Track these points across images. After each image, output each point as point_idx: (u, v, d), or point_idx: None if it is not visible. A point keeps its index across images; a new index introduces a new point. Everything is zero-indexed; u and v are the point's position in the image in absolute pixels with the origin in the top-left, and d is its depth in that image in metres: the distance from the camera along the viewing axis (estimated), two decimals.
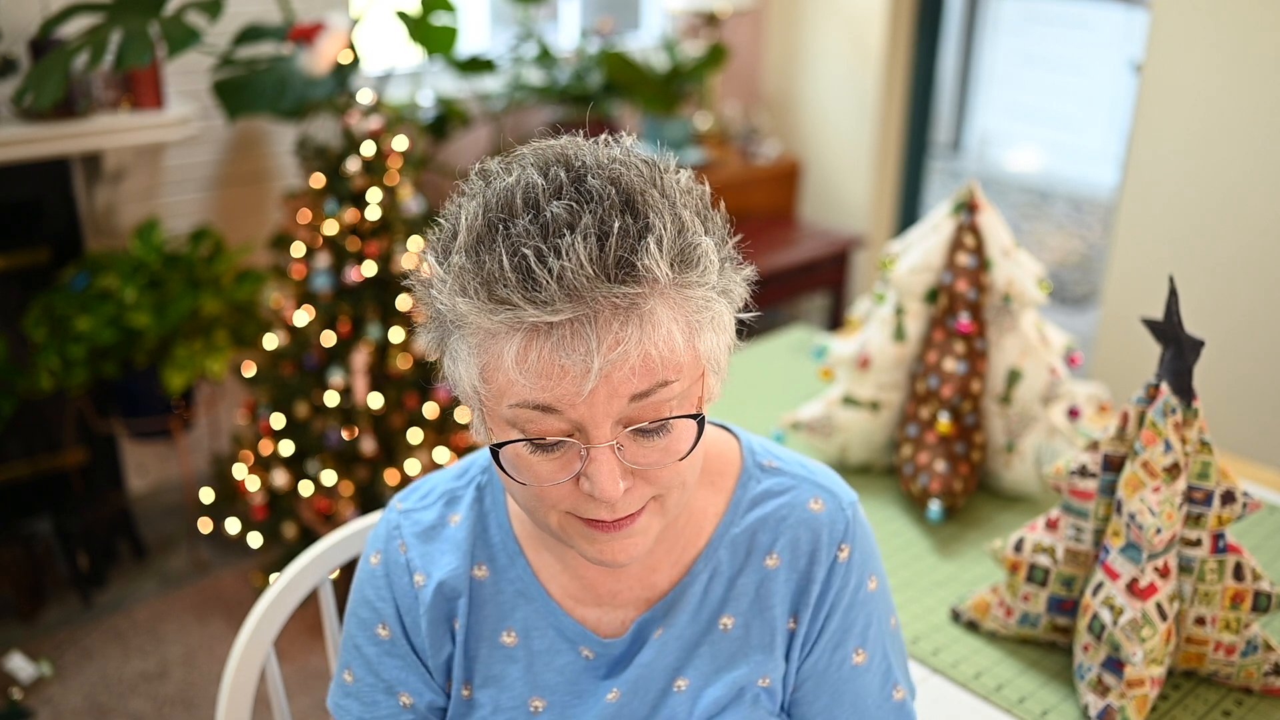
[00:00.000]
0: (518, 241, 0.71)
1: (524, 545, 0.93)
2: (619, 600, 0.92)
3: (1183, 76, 2.55)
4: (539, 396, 0.72)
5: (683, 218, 0.75)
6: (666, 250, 0.72)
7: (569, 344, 0.70)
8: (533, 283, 0.69)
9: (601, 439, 0.74)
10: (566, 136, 0.81)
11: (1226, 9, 2.44)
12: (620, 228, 0.71)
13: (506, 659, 0.91)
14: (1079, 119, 6.61)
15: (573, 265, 0.69)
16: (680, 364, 0.74)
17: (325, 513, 2.55)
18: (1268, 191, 2.46)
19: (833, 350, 1.70)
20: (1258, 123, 2.44)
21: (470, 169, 0.80)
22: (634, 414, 0.74)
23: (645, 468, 0.77)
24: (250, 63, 2.60)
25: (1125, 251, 2.76)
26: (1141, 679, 1.14)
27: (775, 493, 0.93)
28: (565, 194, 0.73)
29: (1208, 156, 2.54)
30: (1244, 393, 2.57)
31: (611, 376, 0.72)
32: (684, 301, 0.74)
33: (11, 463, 2.82)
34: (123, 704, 2.38)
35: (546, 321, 0.70)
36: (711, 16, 3.80)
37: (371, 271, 2.52)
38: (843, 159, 4.15)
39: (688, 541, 0.92)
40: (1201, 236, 2.59)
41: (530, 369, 0.72)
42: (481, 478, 0.96)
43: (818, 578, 0.91)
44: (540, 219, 0.71)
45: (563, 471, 0.76)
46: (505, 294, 0.70)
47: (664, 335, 0.72)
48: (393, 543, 0.94)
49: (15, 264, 2.71)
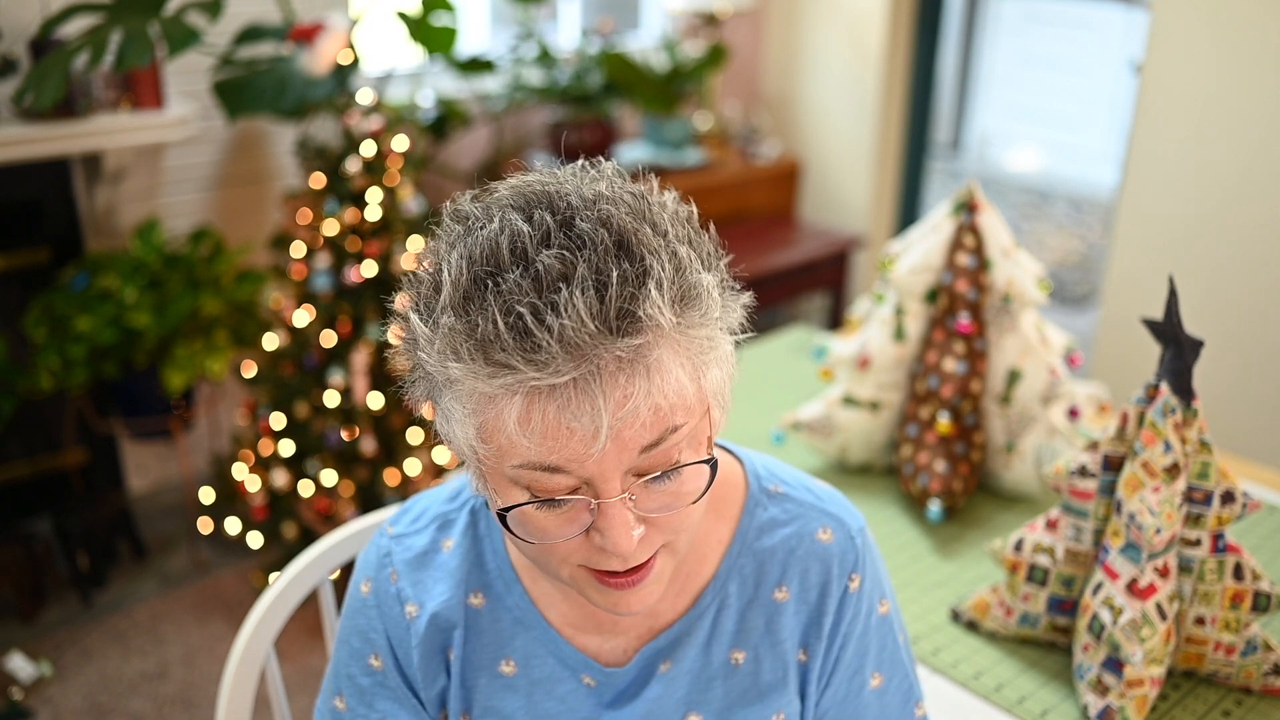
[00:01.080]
0: (510, 299, 0.66)
1: (520, 573, 0.90)
2: (620, 628, 0.90)
3: (1183, 76, 2.55)
4: (544, 458, 0.69)
5: (679, 254, 0.71)
6: (667, 294, 0.68)
7: (575, 405, 0.66)
8: (532, 344, 0.65)
9: (613, 493, 0.71)
10: (542, 169, 0.77)
11: (1226, 9, 2.44)
12: (619, 276, 0.66)
13: (506, 688, 0.89)
14: (1079, 119, 6.61)
15: (573, 322, 0.65)
16: (689, 406, 0.72)
17: (325, 513, 2.55)
18: (1268, 191, 2.46)
19: (833, 350, 1.70)
20: (1257, 123, 2.44)
21: (444, 209, 0.76)
22: (644, 464, 0.71)
23: (657, 513, 0.74)
24: (250, 63, 2.60)
25: (1125, 251, 2.76)
26: (1141, 679, 1.14)
27: (782, 522, 0.91)
28: (554, 241, 0.68)
29: (1207, 157, 2.54)
30: (1244, 393, 2.57)
31: (621, 433, 0.68)
32: (688, 344, 0.71)
33: (11, 463, 2.82)
34: (123, 704, 2.39)
35: (550, 384, 0.66)
36: (711, 16, 3.80)
37: (371, 272, 2.52)
38: (843, 159, 4.15)
39: (692, 570, 0.90)
40: (1201, 236, 2.59)
41: (534, 432, 0.68)
42: (475, 501, 0.93)
43: (829, 610, 0.89)
44: (531, 271, 0.67)
45: (572, 526, 0.73)
46: (503, 358, 0.66)
47: (672, 383, 0.69)
48: (384, 570, 0.92)
49: (15, 264, 2.71)
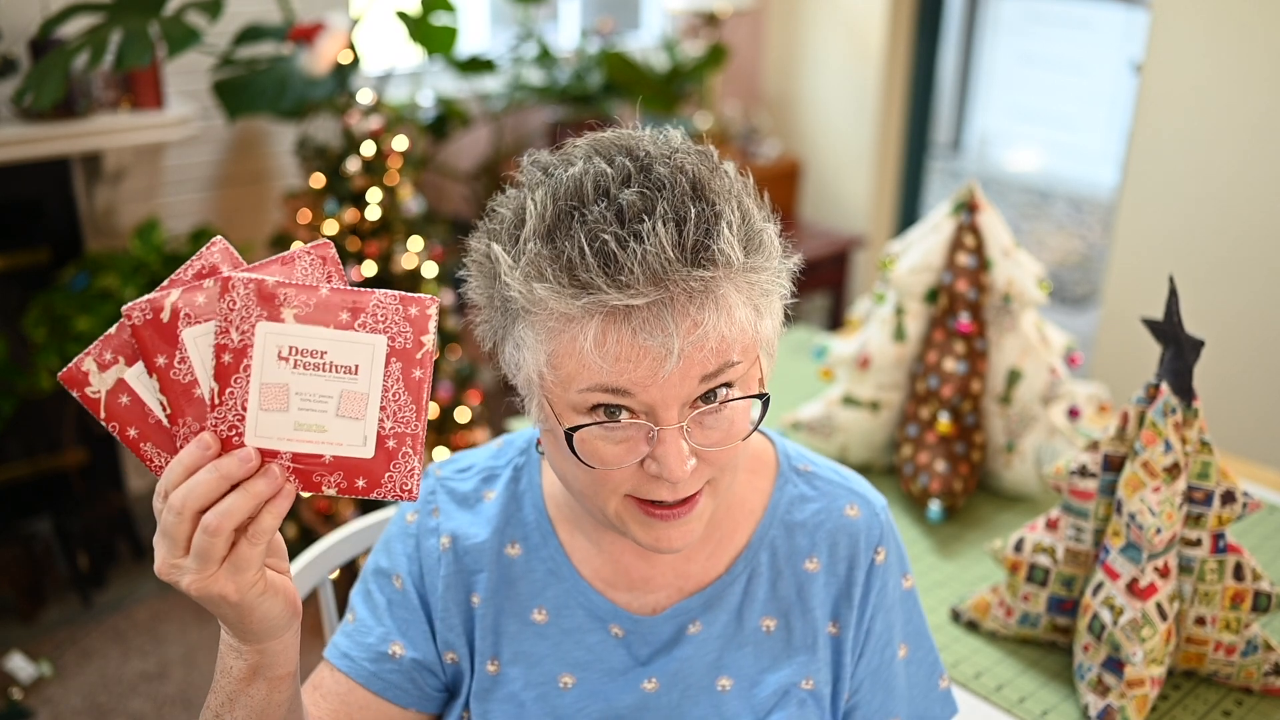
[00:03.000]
0: (595, 227, 0.72)
1: (557, 527, 0.94)
2: (652, 585, 0.93)
3: (1183, 76, 2.55)
4: (614, 380, 0.74)
5: (745, 205, 0.78)
6: (737, 235, 0.75)
7: (650, 327, 0.72)
8: (616, 266, 0.71)
9: (671, 420, 0.76)
10: (618, 129, 0.83)
11: (1226, 9, 2.44)
12: (696, 214, 0.73)
13: (536, 636, 0.92)
14: (1079, 119, 6.61)
15: (654, 249, 0.71)
16: (746, 345, 0.77)
17: (325, 513, 2.55)
18: (1268, 190, 2.46)
19: (833, 350, 1.70)
20: (1257, 122, 2.44)
21: (521, 160, 0.83)
22: (701, 395, 0.77)
23: (709, 449, 0.79)
24: (250, 63, 2.60)
25: (1125, 251, 2.76)
26: (1141, 679, 1.14)
27: (811, 498, 0.96)
28: (635, 182, 0.74)
29: (1207, 157, 2.54)
30: (1244, 393, 2.57)
31: (689, 359, 0.74)
32: (751, 285, 0.77)
33: (11, 463, 2.82)
34: (123, 704, 2.39)
35: (627, 305, 0.72)
36: (711, 16, 3.80)
37: (371, 271, 2.52)
38: (843, 159, 4.15)
39: (724, 535, 0.94)
40: (1201, 236, 2.59)
41: (609, 353, 0.73)
42: (519, 459, 0.98)
43: (858, 581, 0.93)
44: (615, 205, 0.73)
45: (630, 454, 0.78)
46: (588, 278, 0.71)
47: (738, 318, 0.75)
48: (427, 505, 0.97)
49: (15, 264, 2.71)
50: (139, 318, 0.66)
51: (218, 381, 0.66)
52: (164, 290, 0.67)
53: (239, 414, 0.66)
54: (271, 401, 0.66)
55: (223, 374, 0.66)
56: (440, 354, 2.66)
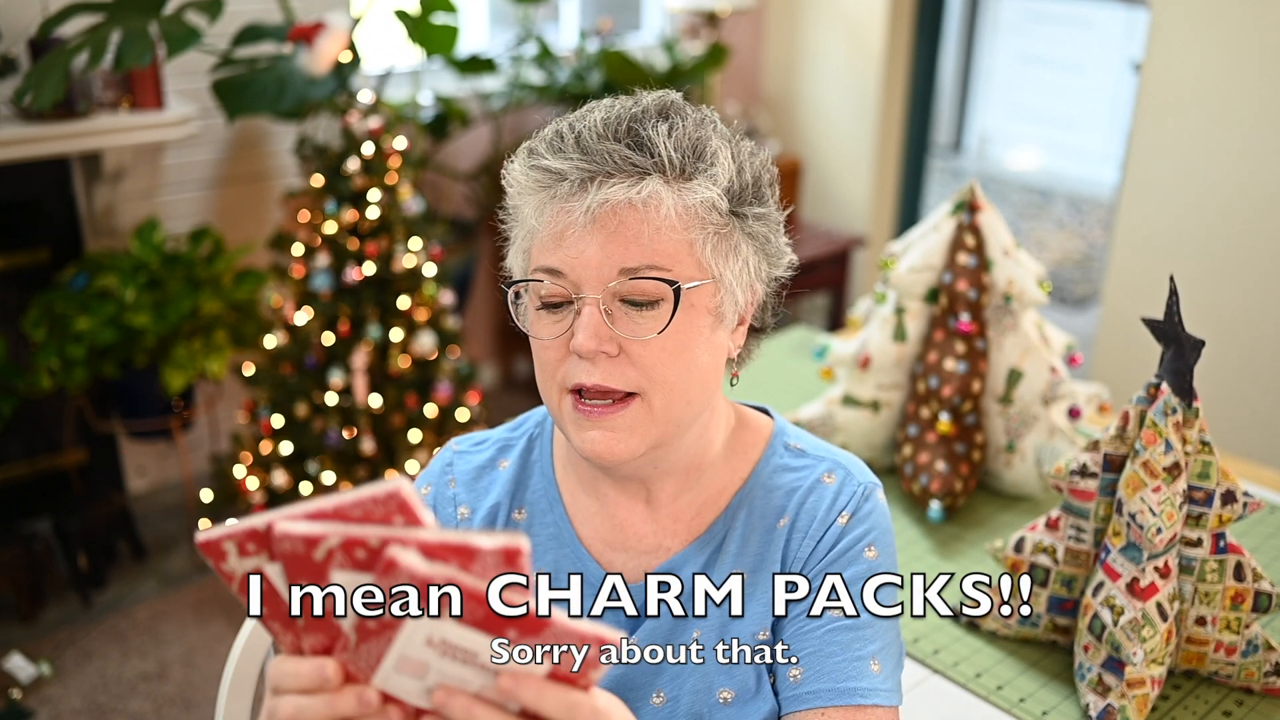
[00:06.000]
0: (564, 121, 0.86)
1: (563, 491, 0.99)
2: (644, 545, 0.96)
3: (1183, 76, 2.55)
4: (550, 259, 0.84)
5: (709, 134, 0.86)
6: (677, 139, 0.83)
7: (576, 195, 0.82)
8: (561, 141, 0.84)
9: (591, 294, 0.83)
10: None
11: (1226, 9, 2.44)
12: (640, 111, 0.85)
13: None
14: (1079, 119, 6.61)
15: (589, 126, 0.84)
16: (676, 256, 0.83)
17: None
18: (1268, 191, 2.46)
19: (833, 350, 1.69)
20: (1257, 123, 2.44)
21: None
22: (625, 290, 0.83)
23: (628, 337, 0.84)
24: (250, 63, 2.60)
25: (1125, 251, 2.76)
26: (1142, 679, 1.14)
27: (794, 468, 0.98)
28: (619, 102, 0.87)
29: (1207, 156, 2.54)
30: (1244, 393, 2.57)
31: (606, 231, 0.82)
32: (688, 194, 0.83)
33: (11, 463, 2.82)
34: (122, 704, 2.38)
35: (559, 168, 0.82)
36: (711, 16, 3.80)
37: (371, 271, 2.52)
38: (843, 159, 4.15)
39: (706, 505, 0.97)
40: (1201, 236, 2.59)
41: (545, 220, 0.84)
42: (535, 430, 1.03)
43: (816, 536, 0.95)
44: (595, 110, 0.86)
45: (559, 326, 0.86)
46: (540, 151, 0.85)
47: (663, 215, 0.82)
48: (444, 478, 1.02)
49: (15, 264, 2.71)
50: (289, 548, 0.60)
51: (357, 633, 0.60)
52: (319, 514, 0.60)
53: (371, 664, 0.61)
54: (408, 668, 0.61)
55: (364, 631, 0.60)
56: (440, 354, 2.66)
